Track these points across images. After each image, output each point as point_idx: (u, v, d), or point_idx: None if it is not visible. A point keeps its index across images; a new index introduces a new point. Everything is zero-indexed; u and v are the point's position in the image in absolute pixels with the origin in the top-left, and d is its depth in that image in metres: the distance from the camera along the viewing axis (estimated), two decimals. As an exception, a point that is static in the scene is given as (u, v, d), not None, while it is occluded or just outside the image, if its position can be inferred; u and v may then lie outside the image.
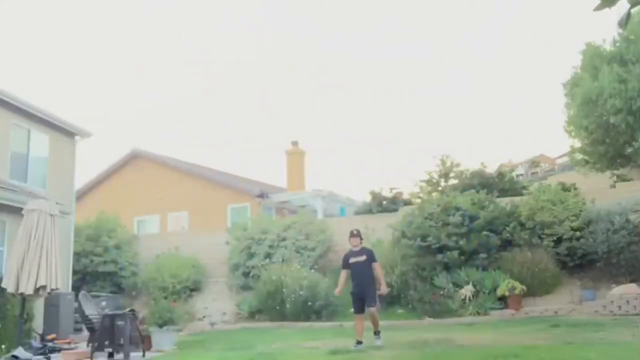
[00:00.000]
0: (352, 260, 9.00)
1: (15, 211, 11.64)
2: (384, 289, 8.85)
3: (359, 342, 8.51)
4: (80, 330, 13.20)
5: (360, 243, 9.10)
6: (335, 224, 18.62)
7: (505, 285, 13.24)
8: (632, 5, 2.59)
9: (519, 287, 13.11)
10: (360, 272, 8.89)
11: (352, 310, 9.29)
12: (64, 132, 16.65)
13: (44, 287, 8.72)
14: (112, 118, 62.13)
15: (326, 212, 22.14)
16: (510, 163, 41.35)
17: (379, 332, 8.79)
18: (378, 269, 9.03)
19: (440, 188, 20.28)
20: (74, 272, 16.97)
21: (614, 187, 16.57)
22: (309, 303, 14.45)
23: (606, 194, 15.24)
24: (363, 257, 8.91)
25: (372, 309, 8.61)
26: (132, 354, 8.79)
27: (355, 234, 9.14)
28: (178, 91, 61.68)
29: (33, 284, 8.57)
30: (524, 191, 17.64)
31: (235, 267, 17.54)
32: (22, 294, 8.70)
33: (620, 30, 16.21)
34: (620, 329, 8.87)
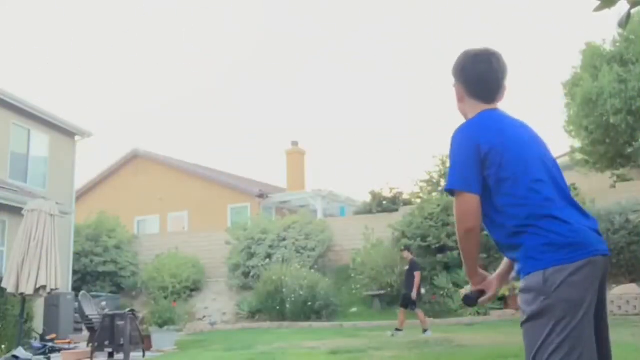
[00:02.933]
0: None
1: (15, 211, 11.64)
2: (413, 295, 10.60)
3: (398, 330, 10.55)
4: (80, 330, 13.20)
5: (408, 255, 11.38)
6: (335, 224, 18.62)
7: (505, 285, 13.24)
8: (632, 6, 2.59)
9: (519, 287, 13.11)
10: (405, 277, 11.24)
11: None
12: (64, 132, 16.66)
13: (44, 287, 8.70)
14: (112, 118, 62.11)
15: (326, 212, 22.13)
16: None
17: (426, 330, 10.52)
18: (417, 276, 10.71)
19: (440, 188, 20.26)
20: (74, 272, 16.97)
21: (614, 187, 16.57)
22: (309, 303, 14.46)
23: (606, 194, 15.24)
24: (407, 267, 11.22)
25: (416, 312, 10.76)
26: (132, 354, 8.79)
27: (402, 250, 11.90)
28: (178, 91, 61.71)
29: (33, 284, 8.56)
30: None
31: (235, 267, 17.54)
32: (22, 294, 8.69)
33: (620, 31, 16.22)
34: (620, 329, 8.87)
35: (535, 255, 2.03)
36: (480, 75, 2.28)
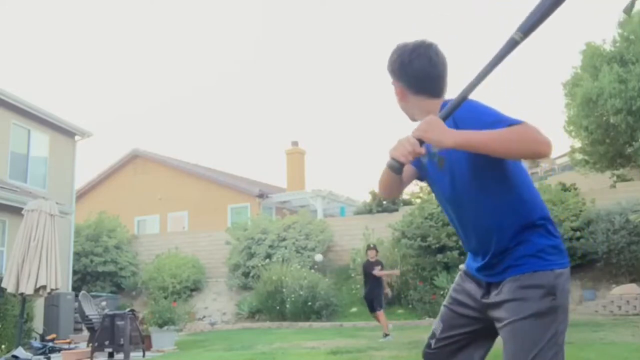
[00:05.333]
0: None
1: (15, 211, 11.64)
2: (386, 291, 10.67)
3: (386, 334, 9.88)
4: (80, 330, 13.20)
5: (376, 255, 10.75)
6: (335, 224, 18.63)
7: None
8: None
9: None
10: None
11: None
12: (64, 132, 16.66)
13: (44, 287, 8.71)
14: (112, 118, 62.14)
15: (326, 212, 22.13)
16: (510, 163, 41.24)
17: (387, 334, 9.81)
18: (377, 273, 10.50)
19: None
20: (74, 272, 16.97)
21: (614, 187, 16.58)
22: (309, 303, 14.46)
23: (606, 194, 15.24)
24: (379, 267, 10.52)
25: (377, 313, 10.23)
26: (132, 354, 8.79)
27: (372, 248, 10.89)
28: (178, 91, 61.75)
29: (33, 284, 8.56)
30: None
31: (235, 267, 17.55)
32: (22, 294, 8.70)
33: (620, 30, 16.21)
34: (620, 329, 8.87)
35: (543, 255, 1.94)
36: (422, 71, 2.06)
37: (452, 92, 2.05)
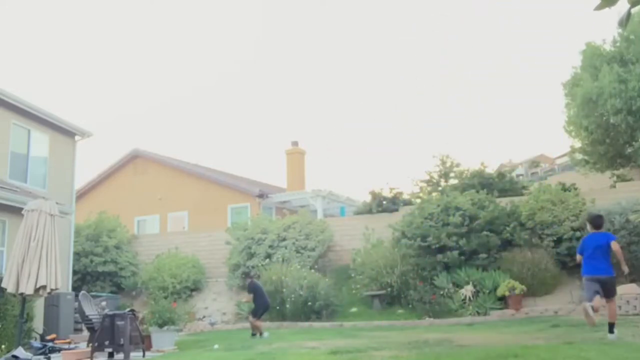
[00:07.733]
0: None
1: (15, 211, 11.64)
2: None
3: (257, 334, 11.59)
4: (80, 330, 13.20)
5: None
6: (335, 224, 18.62)
7: (505, 286, 13.23)
8: (632, 5, 2.58)
9: (519, 287, 13.10)
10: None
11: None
12: (64, 132, 16.65)
13: (44, 287, 8.70)
14: (112, 118, 62.16)
15: (326, 212, 22.12)
16: (510, 163, 41.41)
17: (261, 333, 11.59)
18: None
19: (440, 188, 20.25)
20: (74, 272, 16.97)
21: (614, 187, 16.58)
22: (309, 303, 14.46)
23: (606, 194, 15.24)
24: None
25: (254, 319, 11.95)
26: (132, 354, 8.79)
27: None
28: (178, 91, 61.76)
29: (33, 284, 8.55)
30: (524, 191, 17.62)
31: (235, 267, 17.54)
32: (22, 294, 8.69)
33: (620, 30, 16.23)
34: (620, 329, 8.86)
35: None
36: (597, 223, 7.94)
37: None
